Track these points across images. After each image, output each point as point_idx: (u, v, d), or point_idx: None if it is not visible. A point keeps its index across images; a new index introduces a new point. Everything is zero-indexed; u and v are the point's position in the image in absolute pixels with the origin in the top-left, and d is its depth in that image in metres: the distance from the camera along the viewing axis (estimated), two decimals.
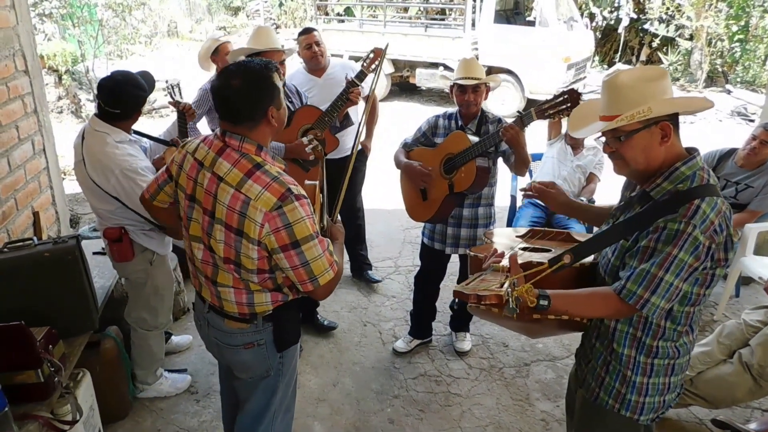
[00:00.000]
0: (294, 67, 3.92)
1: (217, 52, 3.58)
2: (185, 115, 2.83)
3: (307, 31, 3.51)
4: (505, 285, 1.43)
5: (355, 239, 4.07)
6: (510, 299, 1.39)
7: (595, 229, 1.98)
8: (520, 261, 1.57)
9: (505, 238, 2.01)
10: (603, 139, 1.60)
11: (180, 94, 2.86)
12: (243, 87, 1.63)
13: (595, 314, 1.59)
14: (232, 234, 1.66)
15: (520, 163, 2.74)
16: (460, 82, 2.76)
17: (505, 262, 1.69)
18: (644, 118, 1.45)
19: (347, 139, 3.62)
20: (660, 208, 1.48)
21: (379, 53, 3.05)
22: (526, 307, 1.44)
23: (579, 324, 1.65)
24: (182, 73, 2.97)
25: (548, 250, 1.80)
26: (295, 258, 1.63)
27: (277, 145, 2.85)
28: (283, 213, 1.59)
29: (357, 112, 3.57)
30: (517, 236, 2.02)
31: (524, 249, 1.86)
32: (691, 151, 1.54)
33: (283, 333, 1.85)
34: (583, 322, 1.66)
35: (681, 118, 1.61)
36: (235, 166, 1.65)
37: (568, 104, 2.33)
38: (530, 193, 2.03)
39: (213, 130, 3.26)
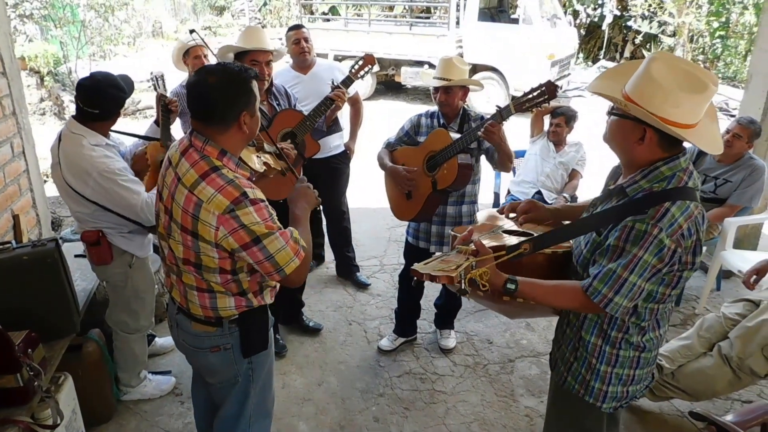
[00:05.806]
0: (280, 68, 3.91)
1: (188, 54, 3.56)
2: (170, 111, 2.79)
3: (296, 27, 3.61)
4: (461, 267, 1.47)
5: (341, 241, 4.08)
6: (463, 281, 1.45)
7: None
8: (494, 243, 1.61)
9: (493, 219, 2.01)
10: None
11: (164, 86, 2.81)
12: (219, 85, 1.59)
13: (561, 305, 1.63)
14: (188, 236, 1.63)
15: (503, 159, 2.75)
16: (433, 82, 2.81)
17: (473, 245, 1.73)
18: (624, 108, 1.47)
19: (329, 140, 3.62)
20: (630, 207, 1.49)
21: (370, 60, 3.02)
22: (496, 289, 1.51)
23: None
24: (167, 74, 2.90)
25: (530, 234, 1.80)
26: (258, 253, 1.60)
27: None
28: (237, 216, 1.56)
29: (342, 115, 3.57)
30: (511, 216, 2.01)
31: (507, 231, 1.87)
32: (677, 151, 1.50)
33: (250, 338, 1.81)
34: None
35: None
36: (193, 167, 1.62)
37: (545, 96, 2.34)
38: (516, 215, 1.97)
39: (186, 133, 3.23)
